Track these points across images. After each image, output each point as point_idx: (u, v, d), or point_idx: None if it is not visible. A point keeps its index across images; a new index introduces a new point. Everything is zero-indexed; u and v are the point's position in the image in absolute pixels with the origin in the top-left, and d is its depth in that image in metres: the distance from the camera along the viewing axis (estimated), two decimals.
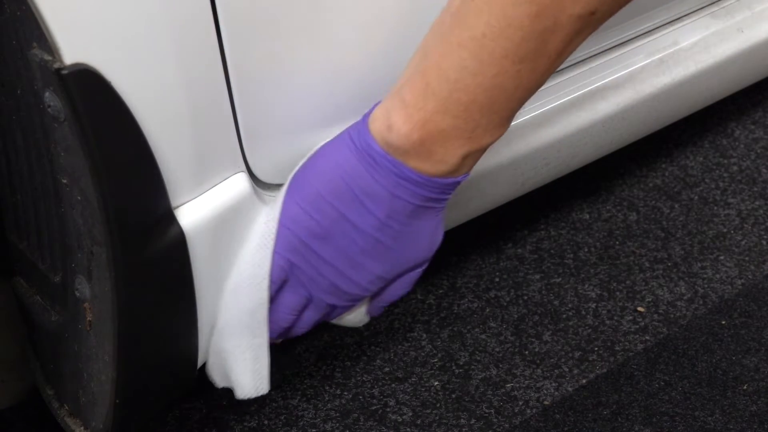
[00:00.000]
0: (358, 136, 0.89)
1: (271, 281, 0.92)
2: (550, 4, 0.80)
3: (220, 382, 0.99)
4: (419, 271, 0.98)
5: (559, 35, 0.82)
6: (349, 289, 0.94)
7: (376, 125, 0.88)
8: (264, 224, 0.91)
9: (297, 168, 0.92)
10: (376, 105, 0.90)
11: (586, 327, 1.24)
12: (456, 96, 0.84)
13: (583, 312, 1.26)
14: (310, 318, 0.97)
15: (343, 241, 0.91)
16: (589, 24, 0.83)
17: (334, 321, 1.02)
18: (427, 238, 0.95)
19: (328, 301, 0.95)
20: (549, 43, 0.83)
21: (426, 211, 0.92)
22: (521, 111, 0.90)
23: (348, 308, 0.98)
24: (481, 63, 0.83)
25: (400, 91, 0.87)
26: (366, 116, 0.90)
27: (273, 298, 0.94)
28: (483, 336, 1.23)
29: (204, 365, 0.98)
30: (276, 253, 0.91)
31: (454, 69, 0.84)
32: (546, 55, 0.83)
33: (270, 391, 1.16)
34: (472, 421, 1.14)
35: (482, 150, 0.89)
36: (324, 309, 0.97)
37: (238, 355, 0.95)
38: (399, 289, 0.99)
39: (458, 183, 0.91)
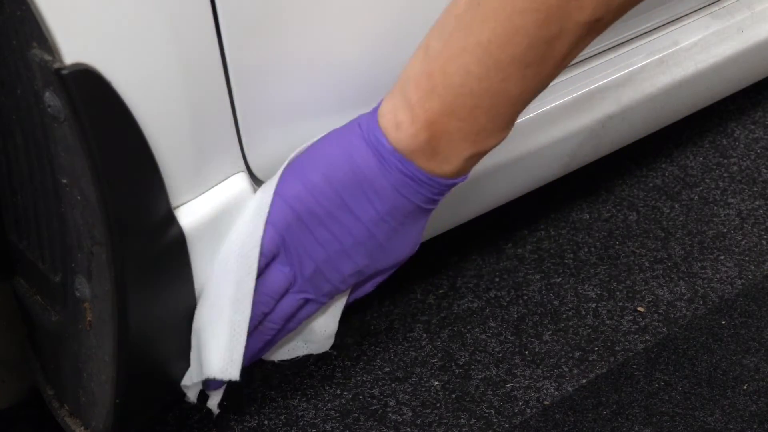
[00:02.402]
0: (368, 129, 0.90)
1: (262, 254, 0.91)
2: (556, 11, 0.81)
3: (188, 378, 0.95)
4: (387, 275, 0.99)
5: (565, 40, 0.83)
6: (331, 277, 0.94)
7: (384, 122, 0.89)
8: (259, 197, 0.91)
9: (301, 148, 0.93)
10: (383, 99, 0.91)
11: (586, 327, 1.24)
12: (461, 100, 0.85)
13: (583, 312, 1.26)
14: (284, 308, 0.95)
15: (339, 228, 0.92)
16: (594, 29, 0.84)
17: (298, 352, 1.02)
18: (411, 240, 0.96)
19: (306, 290, 0.95)
20: (555, 49, 0.83)
21: (421, 212, 0.93)
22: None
23: (318, 307, 0.97)
24: (487, 69, 0.84)
25: (405, 90, 0.88)
26: (375, 110, 0.90)
27: (260, 273, 0.92)
28: (483, 336, 1.23)
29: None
30: (271, 225, 0.91)
31: (460, 74, 0.84)
32: (551, 60, 0.84)
33: (270, 391, 1.16)
34: (472, 421, 1.14)
35: (485, 152, 0.90)
36: (298, 302, 0.96)
37: (215, 330, 0.91)
38: (367, 287, 1.00)
39: (455, 184, 0.92)
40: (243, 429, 1.13)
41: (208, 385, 0.96)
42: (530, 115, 1.13)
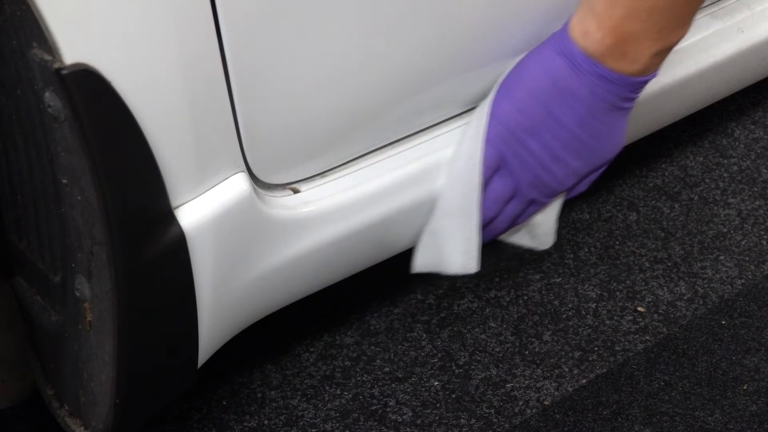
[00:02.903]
0: (560, 42, 1.00)
1: (485, 167, 1.02)
2: None
3: (422, 265, 1.09)
4: (599, 172, 1.09)
5: None
6: (549, 181, 1.05)
7: (575, 33, 0.99)
8: (476, 119, 1.02)
9: (507, 70, 1.03)
10: (571, 15, 1.00)
11: (586, 327, 1.24)
12: (640, 3, 0.95)
13: (583, 312, 1.26)
14: (511, 211, 1.07)
15: (548, 136, 1.02)
16: None
17: (523, 241, 1.16)
18: (616, 137, 1.05)
19: (529, 194, 1.06)
20: None
21: (618, 111, 1.02)
22: None
23: (542, 206, 1.09)
24: None
25: (590, 3, 0.98)
26: (565, 26, 1.00)
27: (485, 185, 1.04)
28: (483, 336, 1.23)
29: (203, 366, 0.99)
30: (489, 142, 1.02)
31: None
32: None
33: (270, 391, 1.16)
34: (472, 421, 1.14)
35: (669, 48, 1.00)
36: (524, 204, 1.07)
37: (451, 234, 1.05)
38: (581, 187, 1.10)
39: (647, 82, 1.01)
40: (243, 429, 1.13)
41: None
42: None
